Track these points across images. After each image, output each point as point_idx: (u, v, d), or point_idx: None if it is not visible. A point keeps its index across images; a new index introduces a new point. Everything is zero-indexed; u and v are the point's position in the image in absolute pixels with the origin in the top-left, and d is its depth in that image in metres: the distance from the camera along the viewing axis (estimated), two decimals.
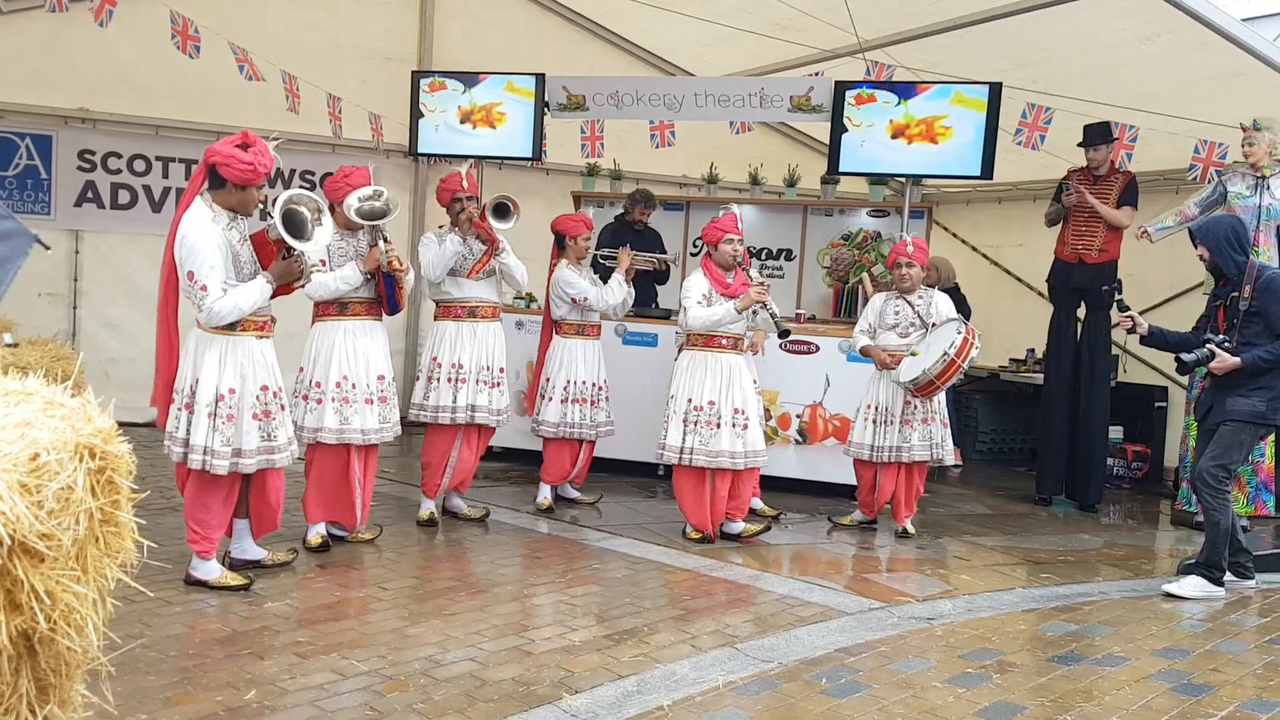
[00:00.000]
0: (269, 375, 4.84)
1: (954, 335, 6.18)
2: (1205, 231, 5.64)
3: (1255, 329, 5.44)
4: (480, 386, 6.18)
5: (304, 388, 5.55)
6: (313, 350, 5.58)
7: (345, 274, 5.45)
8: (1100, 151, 7.53)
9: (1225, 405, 5.47)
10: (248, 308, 4.66)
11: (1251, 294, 5.45)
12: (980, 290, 9.99)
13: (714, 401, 6.02)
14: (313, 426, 5.50)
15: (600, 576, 5.42)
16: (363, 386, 5.54)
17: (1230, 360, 5.38)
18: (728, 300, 6.04)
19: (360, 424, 5.52)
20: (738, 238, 6.12)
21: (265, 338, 4.85)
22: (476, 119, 8.19)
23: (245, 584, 4.81)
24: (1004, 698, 3.97)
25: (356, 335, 5.58)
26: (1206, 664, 4.45)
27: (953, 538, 6.68)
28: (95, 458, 2.30)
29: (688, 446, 6.04)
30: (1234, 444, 5.46)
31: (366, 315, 5.63)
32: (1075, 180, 7.65)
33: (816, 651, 4.41)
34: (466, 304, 6.21)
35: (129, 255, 8.81)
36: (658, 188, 9.60)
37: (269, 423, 4.82)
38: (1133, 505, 8.20)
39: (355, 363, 5.54)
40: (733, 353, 6.10)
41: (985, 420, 10.06)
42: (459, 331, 6.19)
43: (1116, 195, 7.55)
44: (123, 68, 8.55)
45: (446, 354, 6.15)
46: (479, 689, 3.81)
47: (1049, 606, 5.28)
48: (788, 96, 7.70)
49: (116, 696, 3.24)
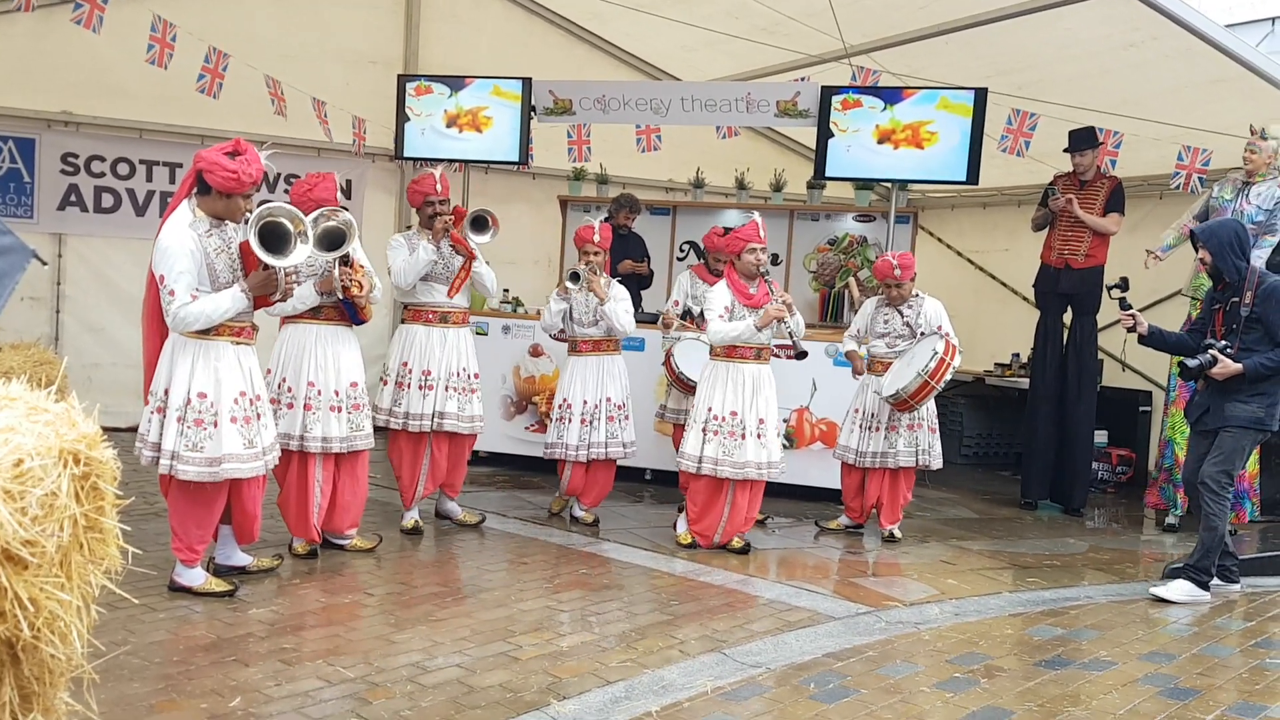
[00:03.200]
0: (246, 381, 4.74)
1: (930, 354, 6.18)
2: (1209, 234, 5.61)
3: (1255, 335, 5.44)
4: (450, 393, 6.10)
5: (271, 391, 5.41)
6: (281, 354, 5.49)
7: (302, 293, 5.32)
8: (1086, 156, 7.56)
9: (1225, 411, 5.48)
10: (217, 316, 4.57)
11: (1253, 300, 5.45)
12: (965, 295, 10.03)
13: (736, 412, 5.98)
14: (281, 431, 5.34)
15: (588, 582, 5.40)
16: (329, 394, 5.42)
17: (1232, 366, 5.39)
18: (750, 311, 6.02)
19: (321, 432, 5.40)
20: (760, 246, 6.06)
21: (243, 344, 4.76)
22: (463, 123, 8.19)
23: (230, 590, 4.77)
24: (991, 702, 3.97)
25: (328, 341, 5.47)
26: (1193, 668, 4.47)
27: (939, 542, 6.69)
28: (79, 463, 2.28)
29: (707, 456, 6.00)
30: (1236, 450, 5.49)
31: (339, 321, 5.53)
32: (1061, 185, 7.68)
33: (804, 656, 4.40)
34: (438, 309, 6.12)
35: (112, 259, 8.75)
36: (644, 192, 9.61)
37: (249, 429, 4.73)
38: (1117, 509, 8.23)
39: (325, 369, 5.43)
40: (756, 363, 6.04)
41: (970, 425, 10.09)
42: (429, 337, 6.10)
43: (1103, 201, 7.57)
44: (106, 70, 8.49)
45: (417, 359, 6.06)
46: (466, 695, 3.79)
47: (1035, 611, 5.29)
48: (774, 101, 7.72)
49: (101, 704, 3.20)
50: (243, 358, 4.76)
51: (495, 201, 7.14)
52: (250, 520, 4.92)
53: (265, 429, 4.85)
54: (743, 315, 6.01)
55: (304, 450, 5.42)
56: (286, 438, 5.37)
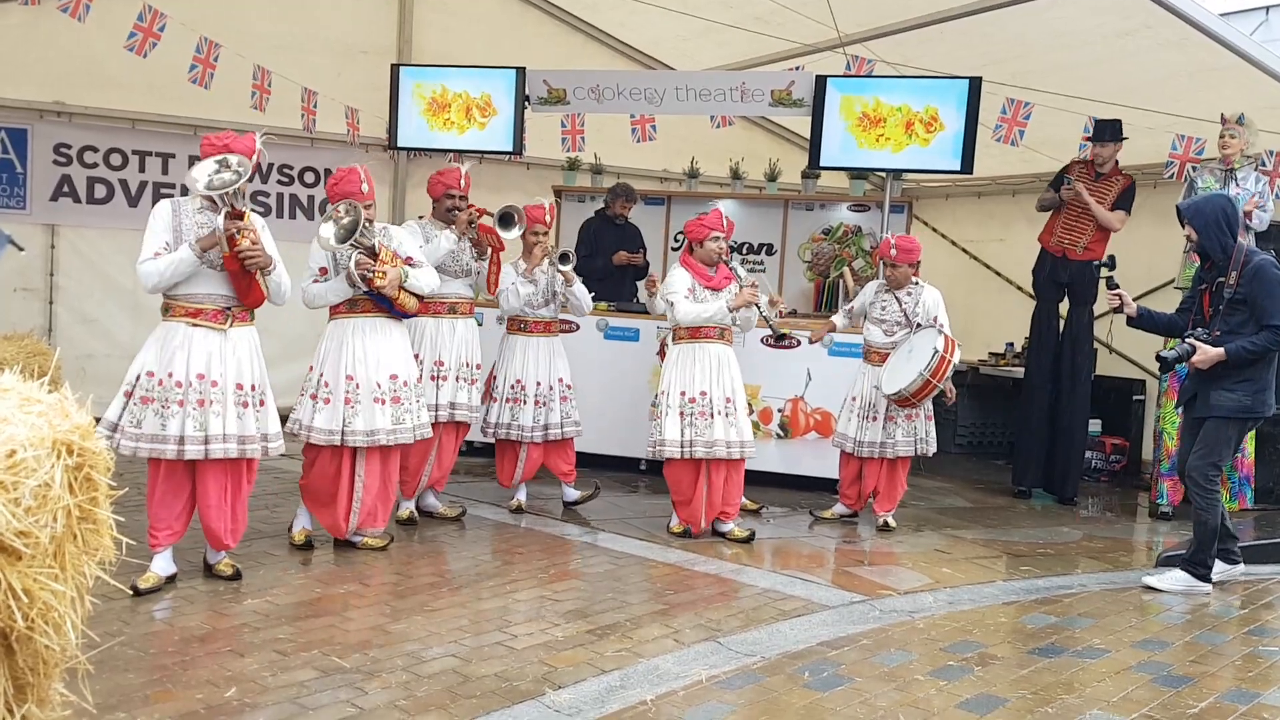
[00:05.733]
0: (206, 365, 4.66)
1: (930, 352, 6.18)
2: (1195, 211, 5.41)
3: (1240, 317, 5.23)
4: (460, 384, 6.14)
5: (311, 386, 5.44)
6: (322, 349, 5.48)
7: (335, 287, 5.37)
8: (1108, 148, 7.50)
9: (1210, 400, 5.29)
10: (169, 274, 4.57)
11: (1238, 281, 5.21)
12: (960, 285, 10.03)
13: (705, 392, 6.02)
14: (318, 426, 5.35)
15: (582, 571, 5.41)
16: (369, 386, 5.37)
17: (1213, 352, 5.18)
18: (712, 293, 6.05)
19: (364, 425, 5.37)
20: (722, 235, 6.13)
21: (204, 327, 4.67)
22: (456, 112, 8.15)
23: (153, 589, 4.65)
24: (986, 690, 3.98)
25: (366, 333, 5.43)
26: (1186, 655, 4.48)
27: (933, 531, 6.70)
28: (73, 454, 2.28)
29: (686, 440, 6.03)
30: (1221, 440, 5.29)
31: (377, 312, 5.46)
32: (1076, 174, 7.64)
33: (799, 645, 4.41)
34: (446, 300, 6.13)
35: (105, 250, 8.73)
36: (639, 182, 9.61)
37: (201, 412, 4.64)
38: (1111, 498, 8.25)
39: (365, 361, 5.39)
40: (721, 343, 6.10)
41: (965, 414, 10.10)
42: (439, 328, 6.12)
43: (1114, 197, 7.51)
44: (98, 61, 8.45)
45: (428, 350, 6.08)
46: (461, 685, 3.80)
47: (1029, 599, 5.30)
48: (768, 90, 7.71)
49: (95, 695, 3.21)
50: (206, 339, 4.67)
51: (489, 191, 7.15)
52: (212, 511, 4.78)
53: (236, 419, 4.72)
54: (704, 298, 6.05)
55: (345, 444, 5.38)
56: (328, 433, 5.35)
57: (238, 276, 4.68)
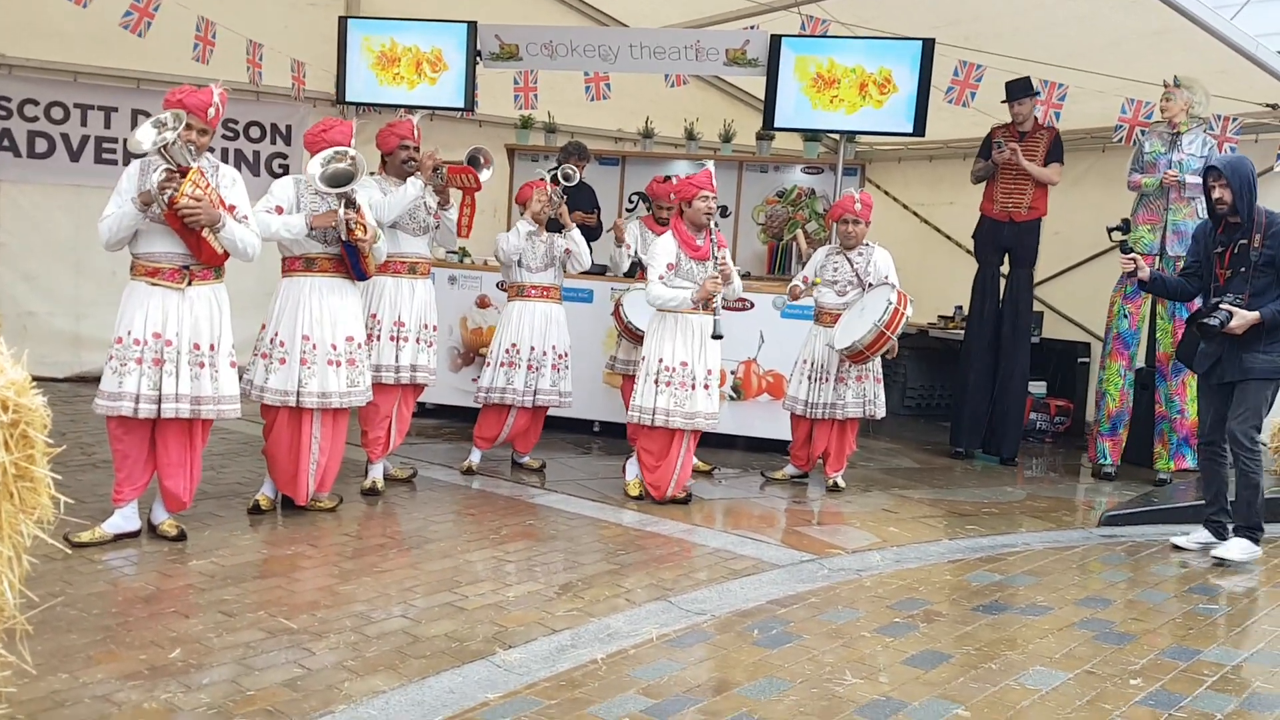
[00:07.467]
0: (162, 323, 4.63)
1: (884, 305, 6.20)
2: (1233, 170, 5.31)
3: (1267, 279, 5.25)
4: (420, 345, 6.06)
5: (264, 345, 5.32)
6: (276, 307, 5.36)
7: (290, 221, 5.19)
8: (1025, 106, 7.59)
9: (1243, 363, 5.29)
10: (115, 229, 4.56)
11: (1262, 243, 5.23)
12: (910, 248, 10.08)
13: (686, 363, 5.99)
14: (272, 387, 5.26)
15: (535, 532, 5.41)
16: (325, 347, 5.28)
17: (1249, 315, 5.19)
18: (697, 263, 5.99)
19: (318, 387, 5.28)
20: (713, 195, 6.04)
21: (159, 285, 4.63)
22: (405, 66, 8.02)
23: (96, 542, 4.64)
24: (930, 646, 4.04)
25: (324, 293, 5.33)
26: (1128, 613, 4.57)
27: (881, 491, 6.78)
28: (7, 410, 2.23)
29: (660, 407, 5.99)
30: (1261, 401, 5.32)
31: (335, 273, 5.36)
32: (1002, 137, 7.71)
33: (748, 603, 4.45)
34: (405, 259, 6.02)
35: (46, 206, 8.52)
36: (593, 142, 9.51)
37: (157, 370, 4.62)
38: (1055, 458, 8.39)
39: (321, 322, 5.30)
40: (704, 314, 6.01)
41: (913, 376, 10.21)
42: (398, 287, 5.99)
43: (1044, 152, 7.63)
44: (39, 12, 8.21)
45: (387, 310, 5.96)
46: (411, 645, 3.79)
47: (974, 558, 5.38)
48: (723, 49, 7.66)
49: (36, 655, 3.16)
50: (165, 299, 4.65)
51: (441, 150, 7.02)
52: (174, 469, 4.77)
53: (191, 379, 4.67)
54: (689, 268, 5.99)
55: (300, 406, 5.29)
56: (282, 394, 5.26)
57: (184, 234, 4.60)
